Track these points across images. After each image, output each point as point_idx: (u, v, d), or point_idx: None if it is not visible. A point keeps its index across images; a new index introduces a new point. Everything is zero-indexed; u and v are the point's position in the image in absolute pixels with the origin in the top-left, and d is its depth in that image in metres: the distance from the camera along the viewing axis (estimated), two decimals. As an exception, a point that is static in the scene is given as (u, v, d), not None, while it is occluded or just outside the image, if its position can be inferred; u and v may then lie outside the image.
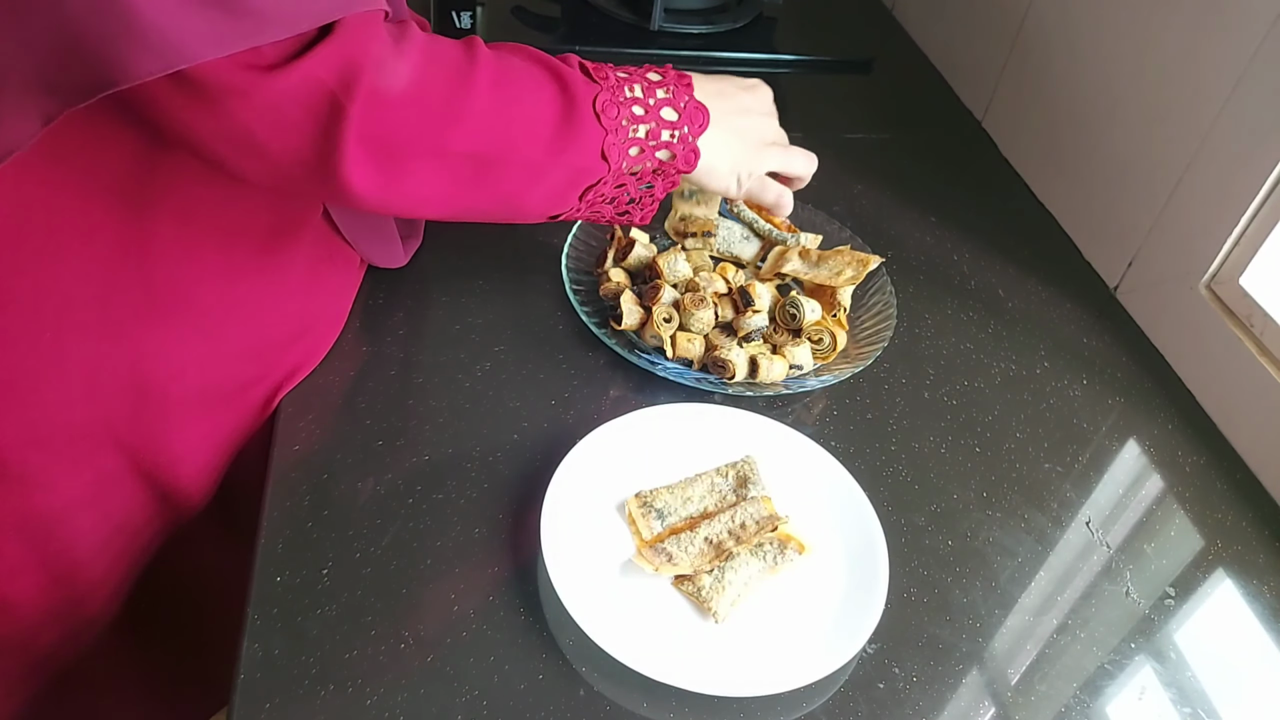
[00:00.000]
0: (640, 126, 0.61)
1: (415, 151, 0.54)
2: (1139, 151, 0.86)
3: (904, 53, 1.25)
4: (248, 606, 0.56)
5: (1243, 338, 0.75)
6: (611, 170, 0.60)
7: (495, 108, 0.56)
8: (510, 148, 0.57)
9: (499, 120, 0.56)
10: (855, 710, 0.56)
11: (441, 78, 0.54)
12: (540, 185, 0.59)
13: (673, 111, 0.62)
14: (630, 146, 0.61)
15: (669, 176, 0.65)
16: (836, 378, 0.73)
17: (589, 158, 0.60)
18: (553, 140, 0.58)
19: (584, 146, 0.59)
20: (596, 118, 0.59)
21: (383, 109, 0.51)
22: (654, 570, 0.59)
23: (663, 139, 0.62)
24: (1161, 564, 0.67)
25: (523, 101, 0.57)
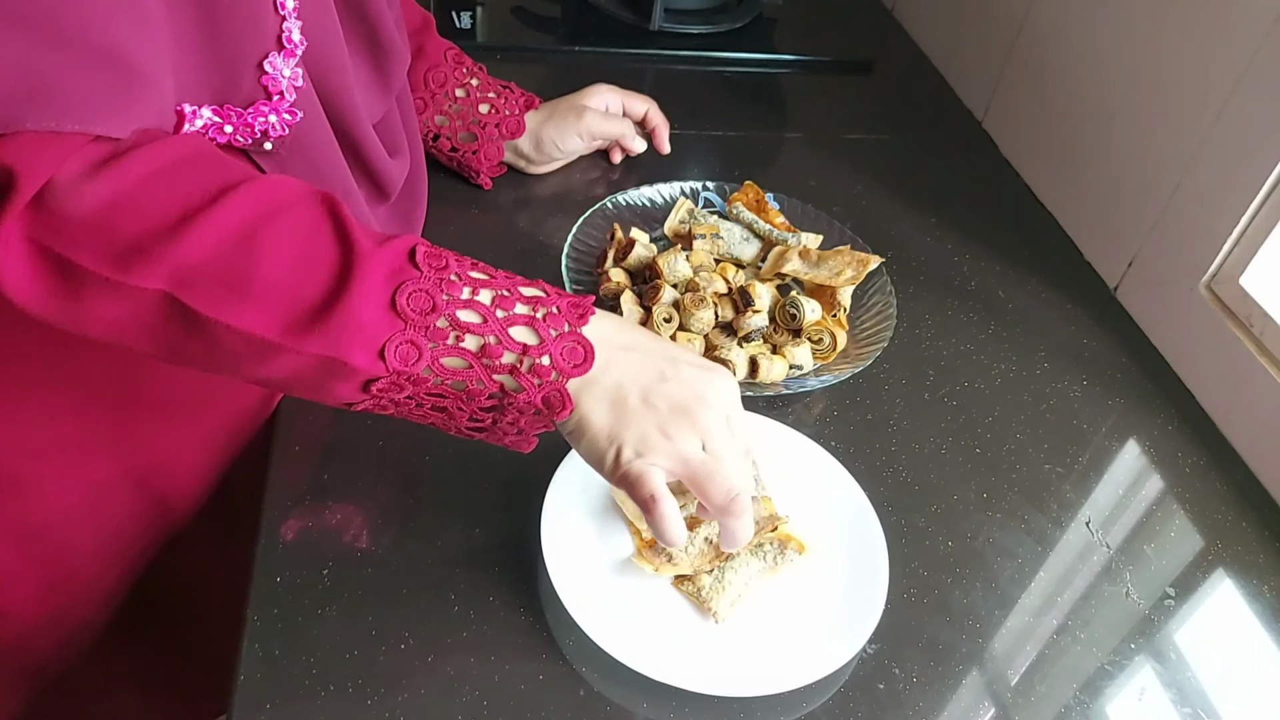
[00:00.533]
0: (468, 337, 0.48)
1: (91, 278, 0.44)
2: (1139, 152, 0.86)
3: (904, 53, 1.25)
4: (247, 607, 0.56)
5: (1243, 338, 0.75)
6: (394, 373, 0.47)
7: (221, 259, 0.45)
8: (228, 310, 0.45)
9: (221, 275, 0.45)
10: (855, 710, 0.56)
11: (154, 208, 0.45)
12: (272, 363, 0.46)
13: (531, 334, 0.49)
14: (447, 355, 0.48)
15: (527, 414, 0.50)
16: (836, 378, 0.73)
17: (352, 351, 0.46)
18: (299, 319, 0.45)
19: (345, 337, 0.45)
20: (390, 306, 0.47)
21: (51, 223, 0.44)
22: (654, 570, 0.59)
23: (503, 361, 0.48)
24: (1161, 564, 0.67)
25: (271, 263, 0.45)
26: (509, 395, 0.49)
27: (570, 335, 0.50)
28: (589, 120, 0.88)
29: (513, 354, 0.49)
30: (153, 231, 0.44)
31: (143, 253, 0.44)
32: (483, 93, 0.86)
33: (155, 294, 0.45)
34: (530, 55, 1.12)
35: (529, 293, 0.51)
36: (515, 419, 0.51)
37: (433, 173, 0.86)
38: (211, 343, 0.46)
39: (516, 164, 0.90)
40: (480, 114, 0.85)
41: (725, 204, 0.87)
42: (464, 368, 0.48)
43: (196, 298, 0.45)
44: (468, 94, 0.85)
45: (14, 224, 0.43)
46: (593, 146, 0.93)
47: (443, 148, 0.86)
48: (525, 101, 0.88)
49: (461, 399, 0.50)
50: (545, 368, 0.49)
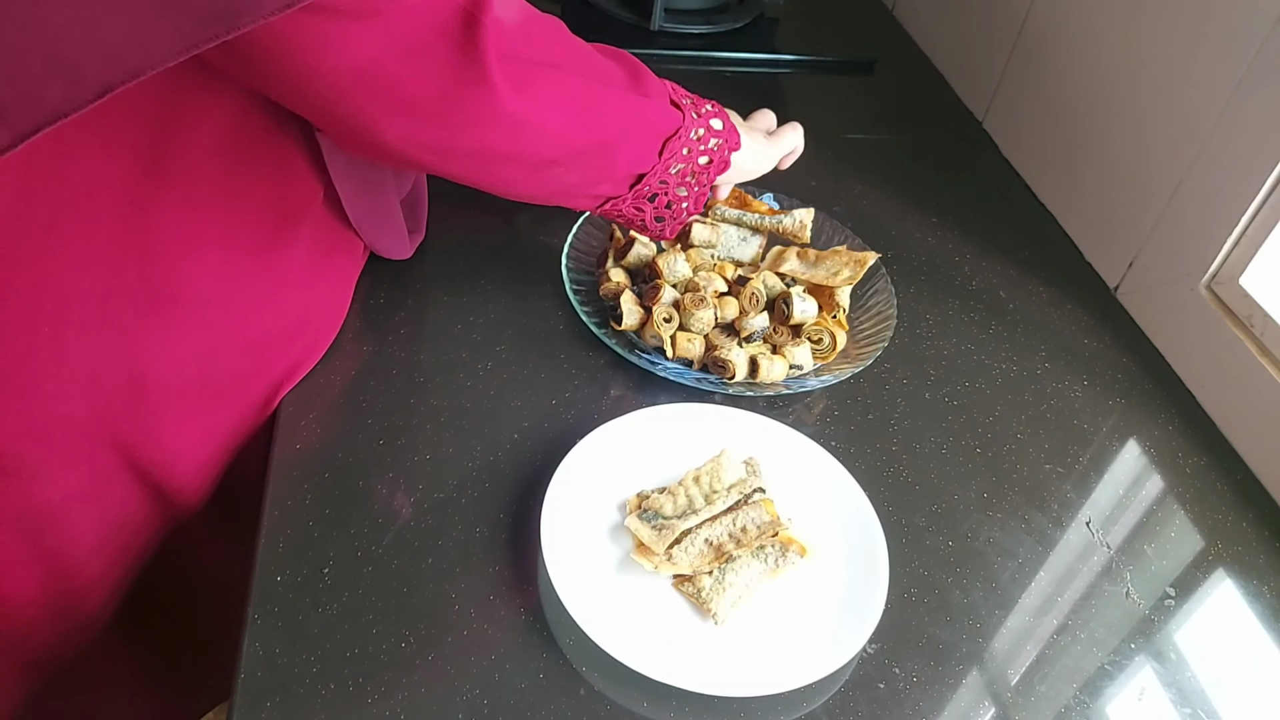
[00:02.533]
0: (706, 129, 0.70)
1: (537, 66, 0.57)
2: (1140, 152, 0.86)
3: (905, 53, 1.25)
4: (248, 605, 0.56)
5: (1243, 338, 0.75)
6: (685, 121, 0.67)
7: (583, 48, 0.62)
8: (607, 79, 0.63)
9: (592, 59, 0.63)
10: (855, 710, 0.56)
11: (538, 15, 0.58)
12: (639, 117, 0.64)
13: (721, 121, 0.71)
14: (690, 107, 0.68)
15: (721, 154, 0.70)
16: (837, 378, 0.73)
17: (662, 102, 0.66)
18: (630, 83, 0.64)
19: (656, 90, 0.66)
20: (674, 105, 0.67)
21: (504, 30, 0.53)
22: (653, 568, 0.59)
23: (706, 109, 0.71)
24: (1161, 564, 0.67)
25: (597, 52, 0.64)
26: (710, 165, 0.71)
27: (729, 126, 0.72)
28: None
29: (717, 140, 0.71)
30: (549, 29, 0.60)
31: (554, 40, 0.59)
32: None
33: (574, 75, 0.60)
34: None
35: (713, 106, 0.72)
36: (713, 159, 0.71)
37: (433, 172, 0.86)
38: (609, 106, 0.62)
39: None
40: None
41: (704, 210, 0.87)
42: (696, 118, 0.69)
43: (594, 73, 0.62)
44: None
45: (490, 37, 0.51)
46: None
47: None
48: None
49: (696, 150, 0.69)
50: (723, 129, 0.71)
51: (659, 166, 0.67)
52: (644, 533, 0.61)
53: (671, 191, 0.70)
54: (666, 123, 0.67)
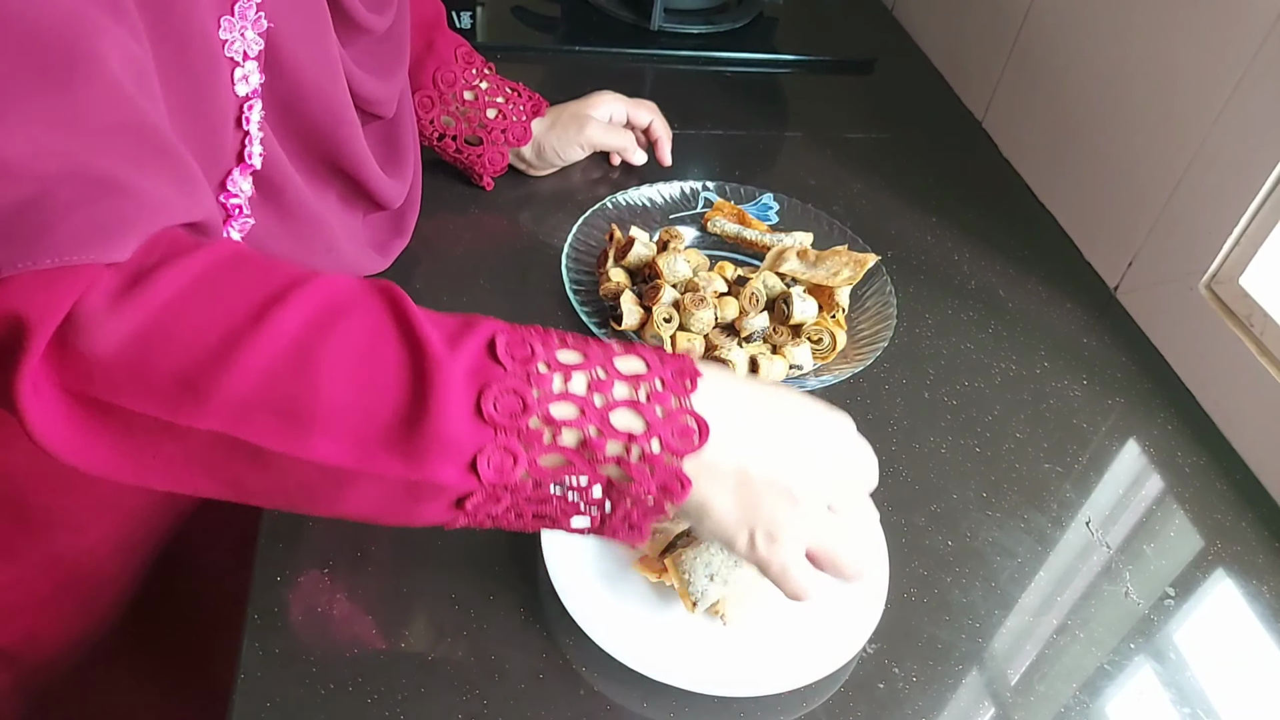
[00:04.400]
0: (565, 432, 0.43)
1: (140, 422, 0.40)
2: (1139, 151, 0.86)
3: (904, 53, 1.25)
4: (248, 605, 0.56)
5: (1243, 338, 0.75)
6: (491, 485, 0.42)
7: (276, 385, 0.40)
8: (293, 441, 0.40)
9: (279, 403, 0.40)
10: (855, 710, 0.56)
11: (191, 335, 0.40)
12: (350, 493, 0.42)
13: (636, 419, 0.44)
14: (544, 454, 0.43)
15: (641, 504, 0.45)
16: (836, 378, 0.73)
17: (440, 470, 0.41)
18: (375, 440, 0.41)
19: (430, 455, 0.41)
20: (477, 413, 0.41)
21: (80, 368, 0.39)
22: (656, 578, 0.59)
23: (609, 453, 0.43)
24: (1161, 564, 0.67)
25: (334, 382, 0.40)
26: (618, 487, 0.44)
27: (679, 412, 0.44)
28: (591, 131, 0.88)
29: (618, 443, 0.43)
30: (194, 363, 0.39)
31: (188, 388, 0.39)
32: (491, 96, 0.85)
33: (211, 435, 0.40)
34: (530, 55, 1.12)
35: (627, 369, 0.45)
36: (627, 513, 0.45)
37: (432, 172, 0.86)
38: (281, 475, 0.42)
39: (518, 166, 0.90)
40: (487, 119, 0.85)
41: (700, 223, 0.87)
42: (564, 464, 0.43)
43: (256, 432, 0.40)
44: (476, 97, 0.85)
45: (39, 373, 0.38)
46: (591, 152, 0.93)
47: (447, 148, 0.86)
48: (532, 107, 0.88)
49: (565, 500, 0.45)
50: (655, 454, 0.43)
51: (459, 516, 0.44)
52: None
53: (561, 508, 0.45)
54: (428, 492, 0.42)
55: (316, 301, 0.42)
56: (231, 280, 0.41)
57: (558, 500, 0.45)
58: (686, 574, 0.57)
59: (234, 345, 0.39)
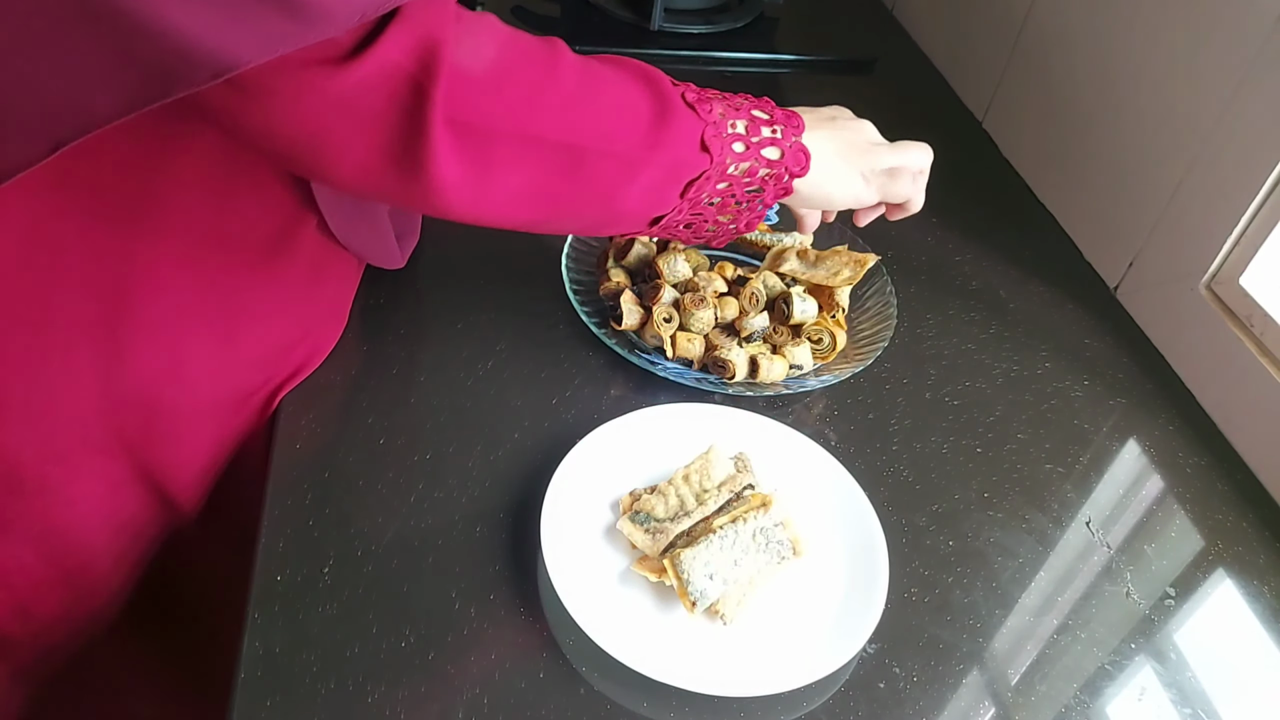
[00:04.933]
0: (739, 122, 0.60)
1: (505, 136, 0.50)
2: (1140, 152, 0.86)
3: (905, 53, 1.25)
4: (248, 604, 0.56)
5: (1243, 338, 0.75)
6: (715, 163, 0.58)
7: (584, 96, 0.53)
8: (604, 137, 0.54)
9: (589, 109, 0.53)
10: (855, 710, 0.56)
11: (525, 61, 0.51)
12: (639, 179, 0.56)
13: (765, 114, 0.62)
14: (732, 141, 0.59)
15: (779, 181, 0.62)
16: (836, 378, 0.73)
17: (688, 149, 0.57)
18: (649, 130, 0.56)
19: (682, 137, 0.57)
20: (691, 108, 0.57)
21: (468, 89, 0.48)
22: (656, 578, 0.59)
23: (764, 135, 0.60)
24: (1162, 564, 0.67)
25: (611, 92, 0.55)
26: (772, 165, 0.61)
27: (796, 146, 0.62)
28: None
29: (769, 128, 0.61)
30: (538, 75, 0.50)
31: (537, 98, 0.50)
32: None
33: (553, 143, 0.52)
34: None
35: (761, 115, 0.62)
36: (777, 194, 0.63)
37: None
38: (592, 176, 0.54)
39: None
40: None
41: None
42: (743, 150, 0.60)
43: (583, 132, 0.53)
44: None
45: (441, 103, 0.46)
46: None
47: None
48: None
49: (739, 182, 0.61)
50: (790, 133, 0.62)
51: (683, 205, 0.60)
52: (637, 536, 0.61)
53: (711, 218, 0.63)
54: (683, 171, 0.59)
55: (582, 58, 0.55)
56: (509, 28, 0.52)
57: (736, 183, 0.61)
58: (685, 574, 0.57)
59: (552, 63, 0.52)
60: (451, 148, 0.49)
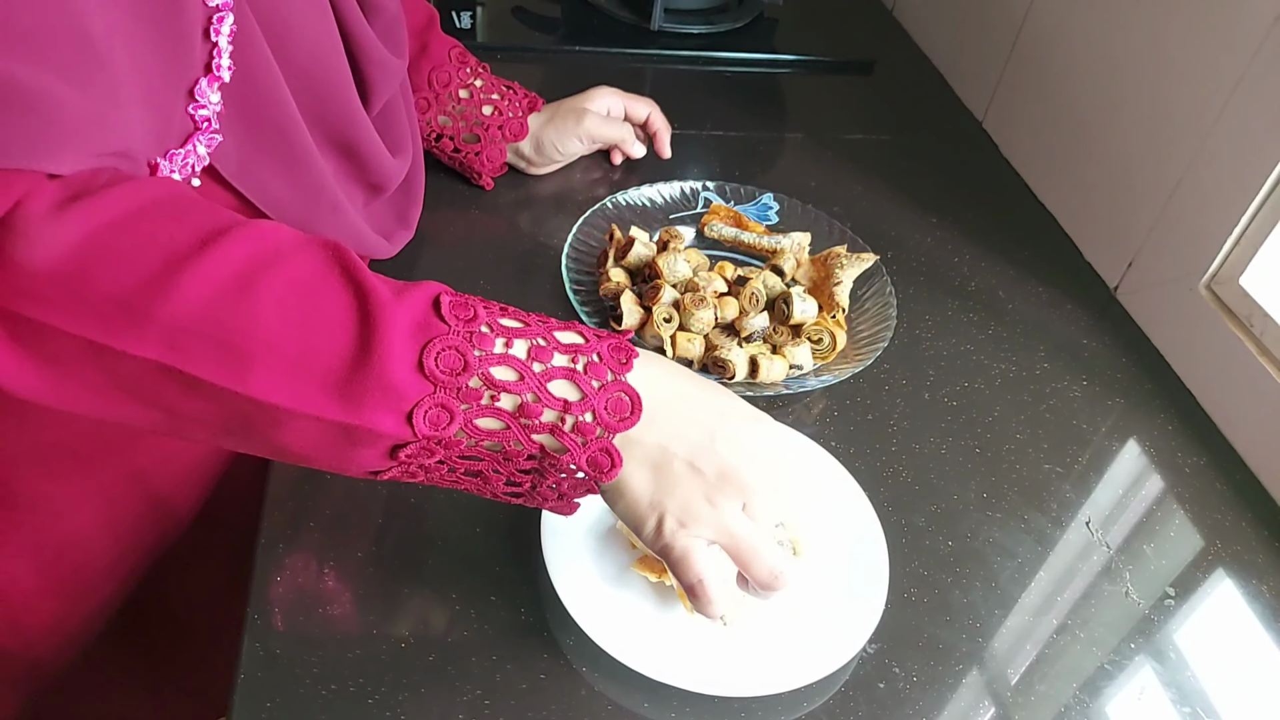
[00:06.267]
0: (504, 396, 0.44)
1: (74, 344, 0.39)
2: (1139, 152, 0.86)
3: (905, 53, 1.25)
4: (248, 606, 0.56)
5: (1243, 338, 0.75)
6: (425, 438, 0.43)
7: (216, 315, 0.40)
8: (230, 374, 0.40)
9: (219, 334, 0.40)
10: (855, 710, 0.56)
11: (133, 254, 0.39)
12: (287, 430, 0.42)
13: (573, 389, 0.45)
14: (481, 416, 0.44)
15: (570, 476, 0.47)
16: (836, 378, 0.73)
17: (378, 417, 0.42)
18: (316, 381, 0.41)
19: (369, 401, 0.42)
20: (419, 368, 0.42)
21: (16, 280, 0.38)
22: (656, 578, 0.59)
23: (543, 420, 0.44)
24: (1161, 564, 0.67)
25: (275, 318, 0.41)
26: (550, 456, 0.45)
27: (615, 385, 0.45)
28: (589, 124, 0.88)
29: (553, 411, 0.44)
30: (134, 284, 0.39)
31: (126, 310, 0.39)
32: (486, 94, 0.86)
33: (148, 363, 0.40)
34: (530, 55, 1.12)
35: (566, 340, 0.46)
36: (557, 482, 0.47)
37: (433, 173, 0.86)
38: (216, 407, 0.42)
39: (517, 164, 0.91)
40: (483, 115, 0.85)
41: (698, 227, 0.87)
42: (500, 429, 0.44)
43: (193, 363, 0.40)
44: (471, 95, 0.85)
45: None
46: (593, 149, 0.93)
47: (445, 148, 0.86)
48: (528, 103, 0.88)
49: (498, 461, 0.46)
50: (589, 425, 0.45)
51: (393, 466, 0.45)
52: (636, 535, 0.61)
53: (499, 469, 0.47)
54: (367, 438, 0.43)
55: (263, 239, 0.42)
56: (179, 209, 0.41)
57: (489, 460, 0.46)
58: None
59: (176, 269, 0.39)
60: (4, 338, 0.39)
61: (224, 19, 0.48)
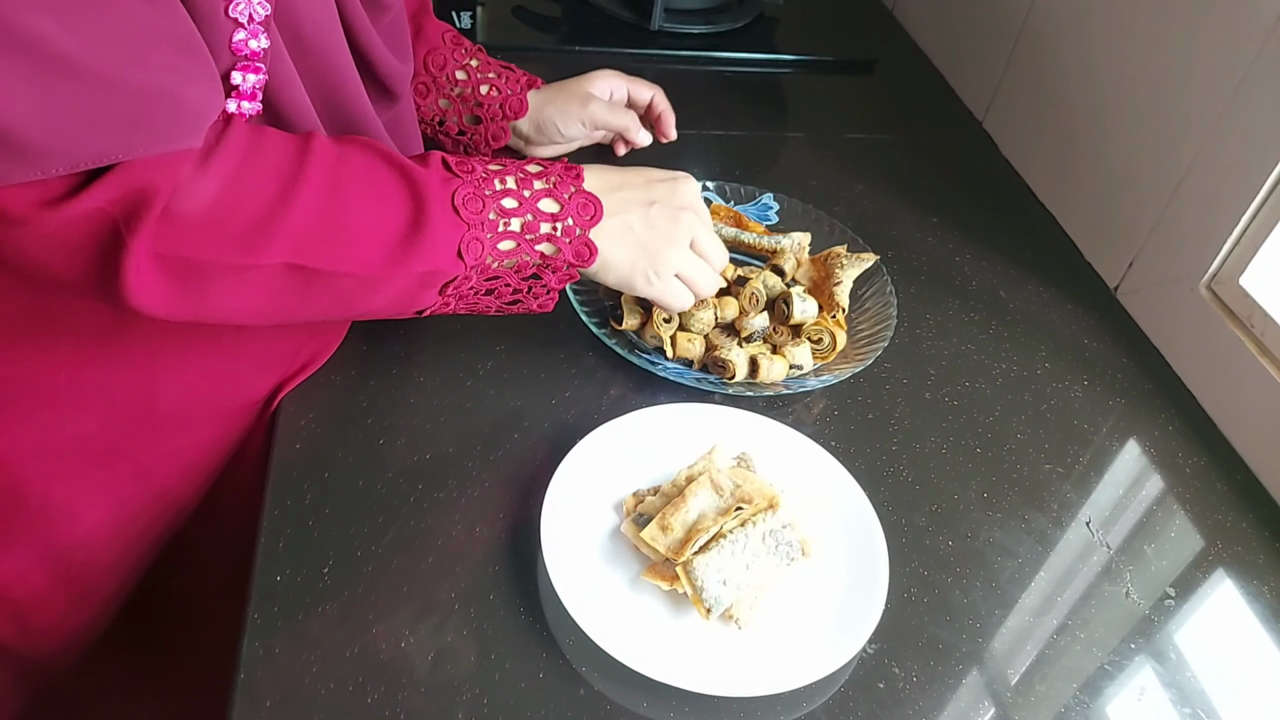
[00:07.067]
0: (513, 220, 0.59)
1: (218, 269, 0.51)
2: (1140, 152, 0.86)
3: (905, 53, 1.25)
4: (248, 606, 0.56)
5: (1243, 338, 0.75)
6: (469, 267, 0.58)
7: (324, 217, 0.53)
8: (342, 258, 0.54)
9: (328, 232, 0.53)
10: (855, 710, 0.56)
11: (257, 189, 0.51)
12: (381, 292, 0.56)
13: (553, 203, 0.60)
14: (500, 240, 0.59)
15: (560, 271, 0.62)
16: (836, 378, 0.73)
17: (440, 259, 0.56)
18: (397, 246, 0.55)
19: (434, 248, 0.56)
20: (455, 212, 0.56)
21: (177, 230, 0.49)
22: (668, 586, 0.59)
23: (542, 232, 0.60)
24: (1161, 564, 0.67)
25: (359, 208, 0.54)
26: (548, 259, 0.61)
27: (579, 194, 0.61)
28: (594, 109, 0.86)
29: (546, 224, 0.60)
30: (265, 208, 0.51)
31: (261, 231, 0.51)
32: (482, 73, 0.84)
33: (278, 266, 0.52)
34: (530, 55, 1.12)
35: (534, 169, 0.61)
36: (548, 279, 0.62)
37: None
38: (327, 290, 0.54)
39: (515, 145, 0.88)
40: (481, 95, 0.84)
41: None
42: (513, 248, 0.59)
43: (315, 256, 0.52)
44: (468, 75, 0.83)
45: (143, 243, 0.48)
46: (594, 137, 0.90)
47: (450, 131, 0.85)
48: (527, 80, 0.86)
49: (510, 275, 0.61)
50: (570, 227, 0.60)
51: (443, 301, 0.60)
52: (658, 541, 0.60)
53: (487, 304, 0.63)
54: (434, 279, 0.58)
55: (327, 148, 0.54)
56: (270, 147, 0.52)
57: (504, 275, 0.60)
58: (699, 581, 0.57)
59: (289, 191, 0.51)
60: (156, 279, 0.50)
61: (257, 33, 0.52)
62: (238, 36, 0.51)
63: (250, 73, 0.53)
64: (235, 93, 0.53)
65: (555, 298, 0.64)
